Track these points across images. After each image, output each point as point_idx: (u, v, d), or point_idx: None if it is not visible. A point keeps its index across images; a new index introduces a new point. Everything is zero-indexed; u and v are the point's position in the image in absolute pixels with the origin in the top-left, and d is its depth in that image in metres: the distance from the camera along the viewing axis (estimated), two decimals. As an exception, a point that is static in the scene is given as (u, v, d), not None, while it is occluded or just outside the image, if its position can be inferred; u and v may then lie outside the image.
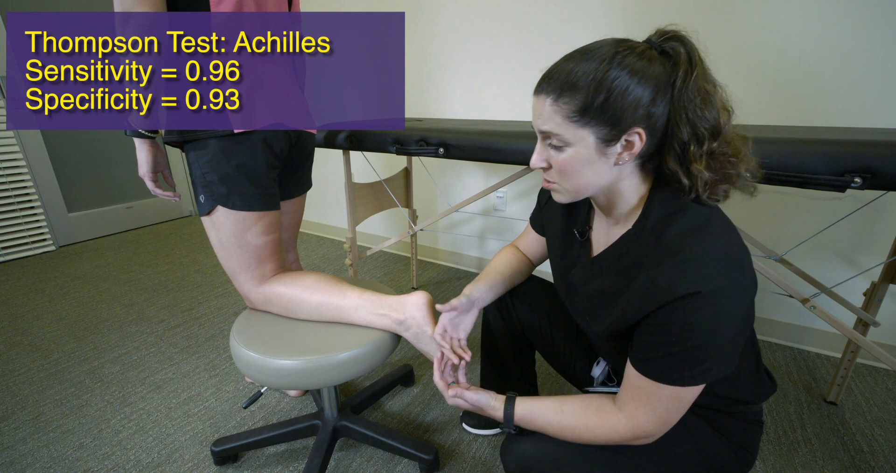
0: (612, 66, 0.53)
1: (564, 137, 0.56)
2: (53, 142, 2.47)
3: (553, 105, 0.56)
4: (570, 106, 0.54)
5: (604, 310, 0.64)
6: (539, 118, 0.58)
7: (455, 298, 0.82)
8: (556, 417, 0.64)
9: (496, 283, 0.87)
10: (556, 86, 0.55)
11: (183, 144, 0.90)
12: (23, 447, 1.14)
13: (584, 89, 0.53)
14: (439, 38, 1.94)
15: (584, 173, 0.58)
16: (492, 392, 0.72)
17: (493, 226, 2.12)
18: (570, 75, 0.54)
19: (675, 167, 0.56)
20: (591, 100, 0.53)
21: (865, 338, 0.99)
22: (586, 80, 0.53)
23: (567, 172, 0.59)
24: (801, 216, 1.44)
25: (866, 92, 1.26)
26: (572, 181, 0.60)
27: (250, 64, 0.91)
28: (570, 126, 0.55)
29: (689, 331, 0.52)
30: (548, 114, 0.56)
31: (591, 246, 0.70)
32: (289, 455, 1.11)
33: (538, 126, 0.59)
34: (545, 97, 0.56)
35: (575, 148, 0.57)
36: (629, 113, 0.53)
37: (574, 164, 0.58)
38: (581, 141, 0.56)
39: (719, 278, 0.51)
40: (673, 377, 0.55)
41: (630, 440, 0.61)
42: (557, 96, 0.55)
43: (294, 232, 1.23)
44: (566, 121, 0.55)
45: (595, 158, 0.57)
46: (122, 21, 0.75)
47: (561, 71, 0.56)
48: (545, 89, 0.57)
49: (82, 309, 1.85)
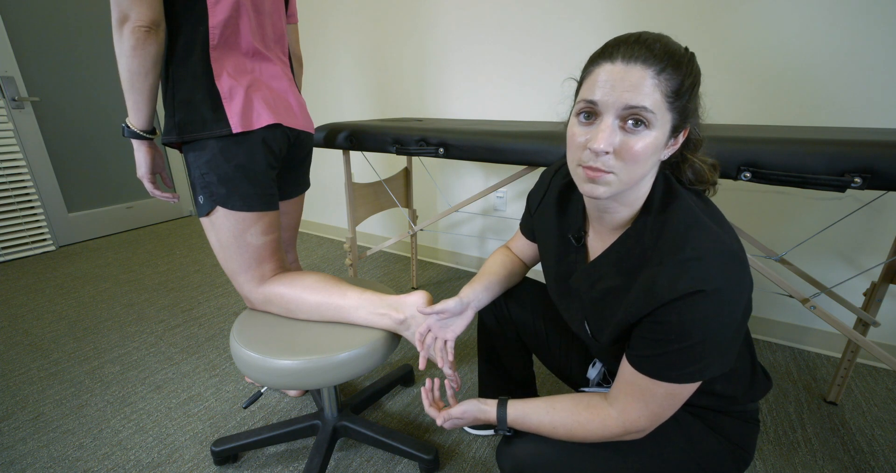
0: (691, 59, 0.52)
1: (655, 117, 0.50)
2: (53, 142, 2.48)
3: (655, 78, 0.49)
4: (671, 84, 0.49)
5: (607, 312, 0.63)
6: (630, 89, 0.49)
7: (446, 299, 0.82)
8: (547, 415, 0.65)
9: (492, 284, 0.87)
10: (661, 58, 0.49)
11: (181, 145, 0.90)
12: (23, 447, 1.14)
13: (684, 69, 0.50)
14: (439, 38, 1.94)
15: (647, 162, 0.53)
16: (478, 399, 0.73)
17: (493, 226, 2.12)
18: (673, 51, 0.49)
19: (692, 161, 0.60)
20: (685, 85, 0.50)
21: (865, 338, 0.99)
22: (685, 59, 0.50)
23: (637, 158, 0.52)
24: (801, 216, 1.44)
25: (866, 92, 1.26)
26: (635, 170, 0.53)
27: (248, 64, 0.91)
28: (663, 106, 0.50)
29: (690, 329, 0.52)
30: (648, 88, 0.49)
31: (587, 252, 0.70)
32: (289, 455, 1.11)
33: (627, 99, 0.50)
34: (644, 68, 0.49)
35: (655, 132, 0.51)
36: (693, 109, 0.53)
37: (648, 150, 0.51)
38: (663, 126, 0.51)
39: (722, 276, 0.51)
40: (670, 375, 0.55)
41: (621, 435, 0.61)
42: (661, 70, 0.49)
43: (293, 232, 1.23)
44: (663, 99, 0.50)
45: (661, 148, 0.53)
46: (119, 22, 0.75)
47: (661, 44, 0.50)
48: (645, 59, 0.49)
49: (82, 309, 1.85)
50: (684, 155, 0.61)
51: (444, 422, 0.74)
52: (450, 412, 0.73)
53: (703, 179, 0.61)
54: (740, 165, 0.88)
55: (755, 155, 0.87)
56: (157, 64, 0.80)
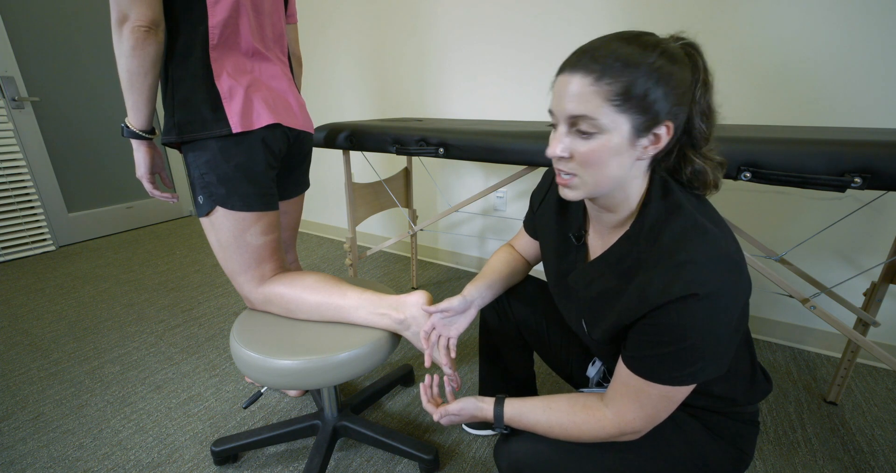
0: (657, 53, 0.51)
1: (600, 123, 0.52)
2: (53, 142, 2.48)
3: (594, 85, 0.51)
4: (614, 88, 0.50)
5: (602, 313, 0.64)
6: (571, 100, 0.52)
7: (450, 298, 0.82)
8: (543, 414, 0.65)
9: (494, 282, 0.87)
10: (600, 64, 0.50)
11: (181, 146, 0.90)
12: (23, 447, 1.14)
13: (632, 71, 0.50)
14: (439, 39, 1.94)
15: (609, 165, 0.54)
16: (476, 396, 0.73)
17: (493, 226, 2.12)
18: (616, 55, 0.50)
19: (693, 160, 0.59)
20: (639, 83, 0.50)
21: (865, 338, 0.99)
22: (635, 61, 0.50)
23: (593, 162, 0.54)
24: (801, 216, 1.44)
25: (866, 92, 1.26)
26: (597, 173, 0.55)
27: (247, 64, 0.91)
28: (609, 110, 0.51)
29: (684, 332, 0.52)
30: (586, 95, 0.51)
31: (587, 250, 0.70)
32: (289, 455, 1.11)
33: (569, 109, 0.53)
34: (584, 76, 0.51)
35: (607, 136, 0.52)
36: (666, 104, 0.52)
37: (602, 153, 0.53)
38: (616, 128, 0.52)
39: (716, 280, 0.51)
40: (664, 377, 0.55)
41: (616, 436, 0.61)
42: (600, 76, 0.50)
43: (293, 232, 1.23)
44: (607, 104, 0.51)
45: (624, 150, 0.54)
46: (119, 22, 0.75)
47: (605, 49, 0.51)
48: (584, 67, 0.51)
49: (82, 309, 1.85)
50: (684, 153, 0.60)
51: (440, 418, 0.74)
52: (447, 409, 0.74)
53: (704, 179, 0.59)
54: (740, 165, 0.88)
55: (755, 155, 0.87)
56: (156, 64, 0.80)
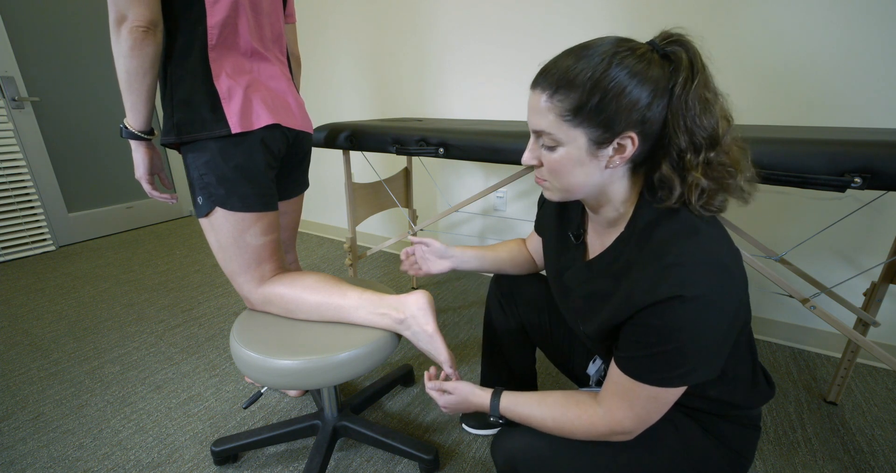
0: (610, 65, 0.51)
1: (556, 137, 0.55)
2: (53, 142, 2.48)
3: (548, 102, 0.54)
4: (564, 104, 0.53)
5: (594, 311, 0.64)
6: (533, 115, 0.57)
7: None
8: (537, 407, 0.66)
9: (485, 257, 0.92)
10: (552, 82, 0.54)
11: (180, 146, 0.90)
12: (23, 447, 1.14)
13: (579, 88, 0.52)
14: (439, 39, 1.94)
15: (574, 174, 0.57)
16: (473, 384, 0.75)
17: (493, 226, 2.12)
18: (567, 72, 0.53)
19: (671, 174, 0.55)
20: (586, 100, 0.52)
21: (865, 338, 0.99)
22: (583, 78, 0.51)
23: (557, 171, 0.58)
24: (801, 216, 1.44)
25: (866, 92, 1.26)
26: (562, 181, 0.59)
27: (246, 64, 0.91)
28: (562, 125, 0.54)
29: (669, 334, 0.52)
30: (542, 111, 0.55)
31: (586, 249, 0.71)
32: (289, 455, 1.11)
33: (531, 124, 0.57)
34: (540, 93, 0.55)
35: (566, 148, 0.56)
36: (623, 116, 0.52)
37: (564, 164, 0.57)
38: (572, 141, 0.55)
39: (703, 283, 0.50)
40: (652, 378, 0.56)
41: (607, 435, 0.62)
42: (553, 93, 0.53)
43: (292, 232, 1.23)
44: (559, 119, 0.54)
45: (586, 160, 0.56)
46: (117, 22, 0.75)
47: (558, 67, 0.54)
48: (541, 85, 0.55)
49: (82, 309, 1.85)
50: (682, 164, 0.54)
51: (432, 388, 0.77)
52: (442, 384, 0.77)
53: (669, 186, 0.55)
54: (740, 165, 0.88)
55: (755, 155, 0.86)
56: (154, 64, 0.80)
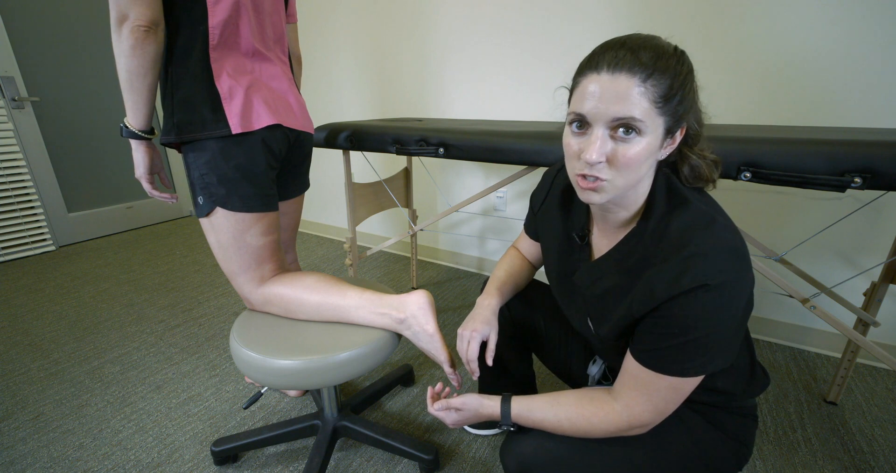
0: (680, 59, 0.52)
1: (646, 125, 0.50)
2: (53, 142, 2.48)
3: (641, 86, 0.49)
4: (658, 89, 0.49)
5: (609, 310, 0.64)
6: (617, 101, 0.50)
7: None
8: (552, 409, 0.65)
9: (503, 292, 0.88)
10: (646, 65, 0.49)
11: (180, 146, 0.90)
12: (23, 447, 1.14)
13: (669, 74, 0.50)
14: (439, 38, 1.94)
15: (642, 167, 0.53)
16: (479, 394, 0.73)
17: (493, 226, 2.12)
18: (656, 58, 0.49)
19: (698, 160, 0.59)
20: (675, 87, 0.50)
21: (865, 338, 0.99)
22: (668, 64, 0.50)
23: (631, 165, 0.52)
24: (801, 216, 1.44)
25: (866, 92, 1.26)
26: (630, 177, 0.54)
27: (248, 65, 0.91)
28: (652, 112, 0.50)
29: (694, 323, 0.53)
30: (633, 96, 0.49)
31: (591, 249, 0.71)
32: (289, 455, 1.11)
33: (613, 111, 0.50)
34: (630, 76, 0.49)
35: (648, 138, 0.51)
36: (686, 107, 0.53)
37: (643, 156, 0.52)
38: (654, 131, 0.51)
39: (725, 271, 0.51)
40: (674, 368, 0.56)
41: (626, 429, 0.61)
42: (647, 76, 0.49)
43: (292, 233, 1.23)
44: (652, 105, 0.50)
45: (655, 152, 0.53)
46: (118, 21, 0.75)
47: (647, 50, 0.49)
48: (628, 67, 0.49)
49: (82, 309, 1.85)
50: (682, 151, 0.60)
51: (440, 409, 0.74)
52: (449, 402, 0.73)
53: (702, 175, 0.60)
54: (740, 165, 0.88)
55: (755, 155, 0.87)
56: (156, 64, 0.80)
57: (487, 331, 0.80)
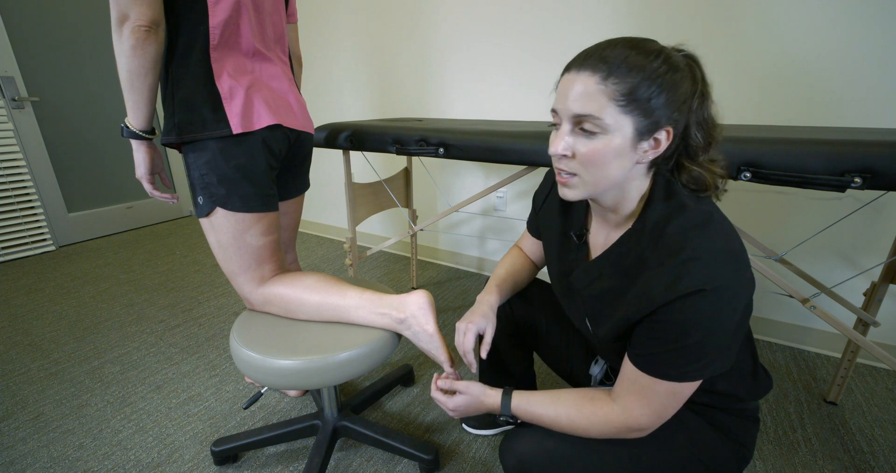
0: (668, 59, 0.52)
1: (604, 122, 0.52)
2: (53, 142, 2.48)
3: (601, 84, 0.51)
4: (620, 88, 0.51)
5: (606, 312, 0.64)
6: (577, 98, 0.53)
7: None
8: (552, 406, 0.65)
9: (503, 289, 0.88)
10: (607, 65, 0.51)
11: (181, 146, 0.90)
12: (23, 447, 1.14)
13: (637, 73, 0.51)
14: (439, 39, 1.94)
15: (610, 166, 0.55)
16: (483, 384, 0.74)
17: (493, 226, 2.12)
18: (624, 57, 0.51)
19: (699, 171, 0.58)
20: (643, 86, 0.51)
21: (865, 338, 0.99)
22: (643, 64, 0.51)
23: (594, 162, 0.55)
24: (801, 216, 1.44)
25: (866, 92, 1.26)
26: (597, 173, 0.56)
27: (248, 65, 0.91)
28: (613, 110, 0.52)
29: (691, 328, 0.52)
30: (592, 93, 0.52)
31: (588, 249, 0.71)
32: (289, 455, 1.11)
33: (573, 108, 0.53)
34: (591, 75, 0.52)
35: (610, 136, 0.53)
36: (668, 110, 0.53)
37: (605, 153, 0.54)
38: (619, 129, 0.53)
39: (722, 275, 0.51)
40: (672, 373, 0.56)
41: (624, 432, 0.61)
42: (607, 75, 0.51)
43: (292, 233, 1.23)
44: (612, 103, 0.52)
45: (625, 151, 0.54)
46: (119, 21, 0.75)
47: (613, 51, 0.52)
48: (591, 66, 0.52)
49: (82, 309, 1.85)
50: (680, 161, 0.60)
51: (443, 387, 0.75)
52: (453, 383, 0.75)
53: (703, 182, 0.59)
54: (740, 165, 0.88)
55: (755, 155, 0.87)
56: (156, 64, 0.80)
57: (484, 324, 0.80)
